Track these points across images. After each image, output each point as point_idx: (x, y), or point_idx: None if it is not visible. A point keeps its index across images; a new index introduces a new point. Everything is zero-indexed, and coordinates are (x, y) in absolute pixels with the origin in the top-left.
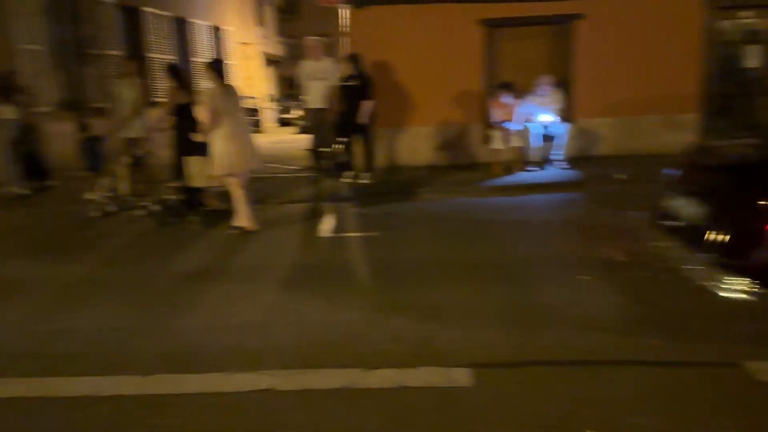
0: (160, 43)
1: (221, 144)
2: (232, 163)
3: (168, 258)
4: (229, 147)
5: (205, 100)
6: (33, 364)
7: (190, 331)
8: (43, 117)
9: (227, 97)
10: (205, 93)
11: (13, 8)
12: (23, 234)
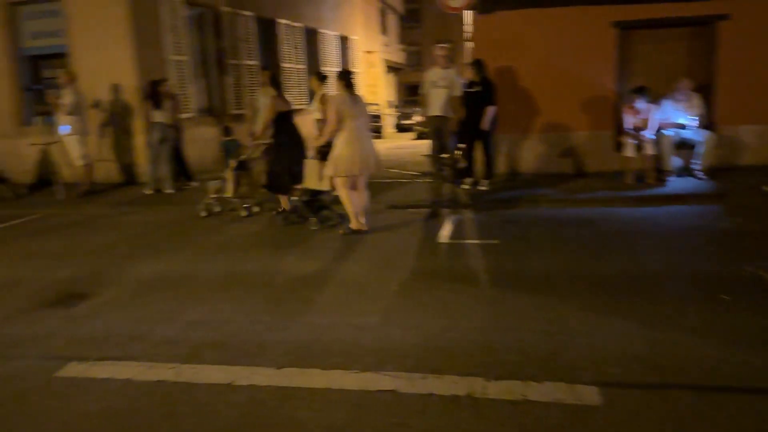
0: (292, 52)
1: (341, 147)
2: (348, 166)
3: (291, 257)
4: (348, 151)
5: (331, 107)
6: (177, 350)
7: (315, 328)
8: (186, 122)
9: (352, 104)
10: (331, 99)
11: (165, 23)
12: (159, 230)
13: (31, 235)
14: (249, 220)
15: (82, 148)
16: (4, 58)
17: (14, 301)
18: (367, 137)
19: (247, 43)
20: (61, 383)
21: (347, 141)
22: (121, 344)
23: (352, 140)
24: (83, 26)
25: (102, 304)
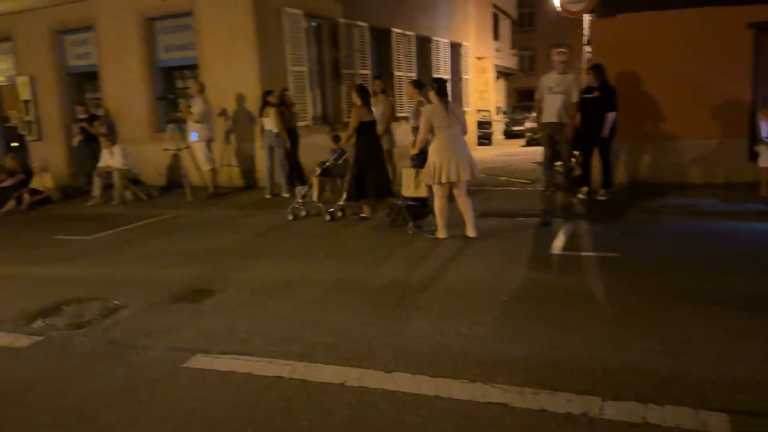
0: (405, 61)
1: (433, 156)
2: (440, 174)
3: (398, 262)
4: (440, 159)
5: (422, 116)
6: (292, 348)
7: (424, 335)
8: (303, 130)
9: (444, 113)
10: (422, 109)
11: (286, 35)
12: (274, 232)
13: (162, 234)
14: (356, 225)
15: (209, 153)
16: (142, 69)
17: (146, 295)
18: (461, 145)
19: (361, 52)
20: (188, 374)
21: (439, 149)
22: (243, 340)
23: (443, 148)
24: (212, 40)
25: (225, 300)
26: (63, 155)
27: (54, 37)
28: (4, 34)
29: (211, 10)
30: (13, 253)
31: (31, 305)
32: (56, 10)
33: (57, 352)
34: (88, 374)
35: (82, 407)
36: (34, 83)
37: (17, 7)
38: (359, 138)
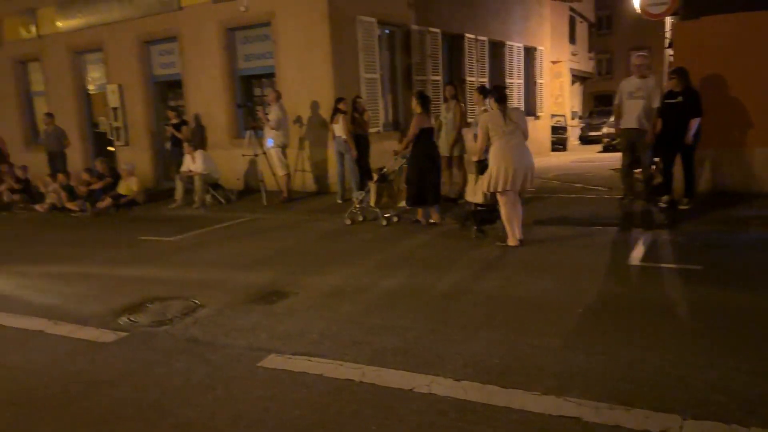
0: (477, 66)
1: (492, 162)
2: (497, 181)
3: (467, 270)
4: (499, 166)
5: (480, 123)
6: (361, 352)
7: (494, 344)
8: (374, 136)
9: (502, 120)
10: (481, 116)
11: (360, 43)
12: (344, 236)
13: (238, 236)
14: (421, 231)
15: (283, 159)
16: (222, 78)
17: (224, 295)
18: (519, 152)
19: (433, 58)
20: (263, 373)
21: (496, 156)
22: (314, 342)
23: (500, 155)
24: (288, 49)
25: (297, 303)
26: (148, 160)
27: (141, 48)
28: (96, 45)
29: (288, 20)
30: (101, 253)
31: (117, 302)
32: (144, 21)
33: (141, 348)
34: (169, 370)
35: (163, 402)
36: (122, 91)
37: (108, 18)
38: (417, 144)
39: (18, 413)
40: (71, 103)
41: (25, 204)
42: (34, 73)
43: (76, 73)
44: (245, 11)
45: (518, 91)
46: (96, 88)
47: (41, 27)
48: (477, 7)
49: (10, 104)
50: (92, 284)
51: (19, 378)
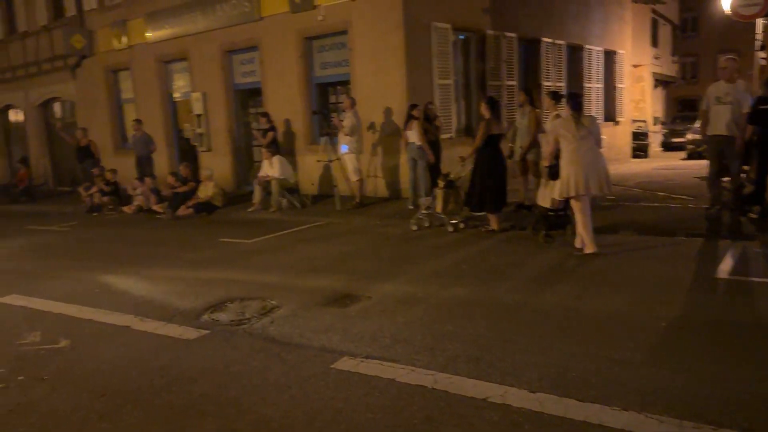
0: (554, 71)
1: (563, 168)
2: (571, 186)
3: (542, 279)
4: (569, 171)
5: (550, 128)
6: (434, 358)
7: (571, 357)
8: (446, 142)
9: (573, 126)
10: (552, 122)
11: (434, 49)
12: (415, 241)
13: (313, 240)
14: (488, 238)
15: (357, 165)
16: (299, 85)
17: (299, 297)
18: (591, 156)
19: (508, 63)
20: (336, 375)
21: (567, 161)
22: (386, 346)
23: (571, 160)
24: (364, 56)
25: (369, 307)
26: (228, 165)
27: (224, 57)
28: (182, 54)
29: (363, 28)
30: (183, 254)
31: (199, 301)
32: (227, 31)
33: (221, 346)
34: (247, 368)
35: (241, 400)
36: (206, 99)
37: (193, 29)
38: (484, 149)
39: (107, 403)
40: (158, 110)
41: (114, 206)
42: (124, 81)
43: (162, 82)
44: (322, 20)
45: (597, 96)
46: (181, 95)
47: (131, 38)
48: (555, 10)
49: (102, 111)
50: (176, 283)
51: (108, 371)
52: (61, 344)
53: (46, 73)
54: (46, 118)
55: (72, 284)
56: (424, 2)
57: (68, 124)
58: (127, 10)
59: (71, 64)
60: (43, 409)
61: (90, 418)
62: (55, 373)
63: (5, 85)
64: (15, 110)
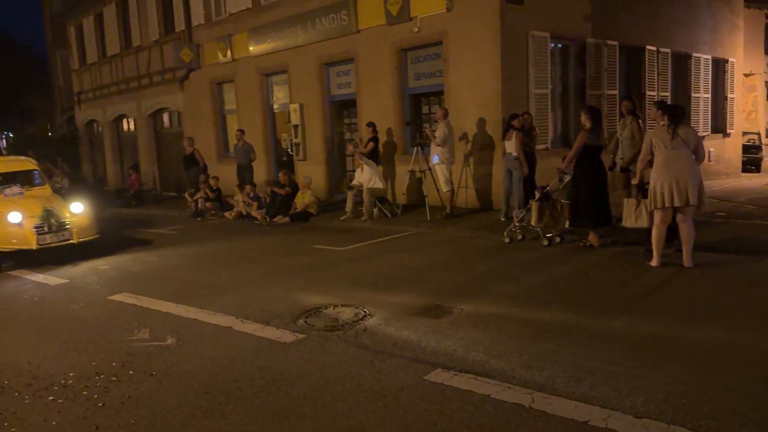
0: (658, 80)
1: (652, 179)
2: (657, 198)
3: (633, 296)
4: (656, 181)
5: (645, 137)
6: (531, 376)
7: (681, 382)
8: (541, 153)
9: (668, 136)
10: (647, 133)
11: (531, 58)
12: (507, 254)
13: (403, 249)
14: (586, 253)
15: (448, 176)
16: (393, 96)
17: (391, 305)
18: (681, 165)
19: (609, 72)
20: (429, 387)
21: (656, 170)
22: (480, 361)
23: (660, 170)
24: (458, 66)
25: (462, 319)
26: (323, 173)
27: (321, 69)
28: (282, 67)
29: (459, 39)
30: (280, 259)
31: (295, 306)
32: (324, 45)
33: (316, 351)
34: (342, 374)
35: (337, 405)
36: (303, 110)
37: (293, 43)
38: (583, 162)
39: (211, 401)
40: (258, 121)
41: (216, 211)
42: (228, 92)
43: (263, 93)
44: (418, 32)
45: (704, 107)
46: (279, 106)
47: (235, 51)
48: (660, 17)
49: (207, 121)
50: (273, 287)
51: (211, 369)
52: (168, 342)
53: (157, 85)
54: (155, 127)
55: (178, 285)
56: (522, 11)
57: (174, 133)
58: (233, 25)
59: (179, 76)
60: (151, 403)
61: (195, 414)
62: (162, 369)
63: (119, 96)
64: (127, 119)
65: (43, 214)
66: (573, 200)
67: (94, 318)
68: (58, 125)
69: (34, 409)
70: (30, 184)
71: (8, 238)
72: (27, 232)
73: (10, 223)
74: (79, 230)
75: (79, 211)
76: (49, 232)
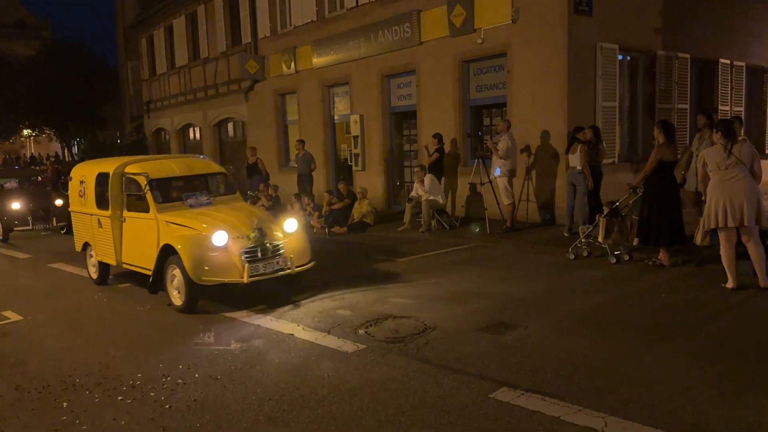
0: (732, 94)
1: (708, 198)
2: (711, 217)
3: (709, 317)
4: (711, 200)
5: (699, 156)
6: (603, 399)
7: (764, 410)
8: (607, 168)
9: (723, 154)
10: (700, 154)
11: (599, 70)
12: (575, 271)
13: (462, 263)
14: (656, 273)
15: (509, 188)
16: (454, 108)
17: (452, 320)
18: (736, 185)
19: (680, 85)
20: (495, 405)
21: (711, 190)
22: (548, 381)
23: (715, 189)
24: (522, 79)
25: (527, 337)
26: (381, 184)
27: (382, 81)
28: (344, 79)
29: (524, 50)
30: (339, 269)
31: (356, 315)
32: (386, 56)
33: (378, 362)
34: (404, 387)
35: (400, 419)
36: (363, 121)
37: (355, 56)
38: (655, 177)
39: (274, 407)
40: (319, 131)
41: None
42: (290, 104)
43: (325, 104)
44: (481, 43)
45: None
46: (339, 117)
47: (299, 63)
48: (734, 30)
49: (269, 131)
50: (333, 297)
51: (275, 375)
52: (232, 346)
53: (223, 96)
54: (220, 137)
55: (240, 290)
56: (591, 22)
57: (239, 142)
58: (297, 37)
59: (245, 87)
60: (216, 407)
61: (259, 420)
62: (226, 373)
63: (186, 105)
64: (194, 128)
65: (255, 234)
66: (644, 217)
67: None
68: (127, 133)
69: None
70: (215, 192)
71: (211, 265)
72: (235, 259)
73: (213, 246)
74: (295, 256)
75: (293, 229)
76: (263, 259)
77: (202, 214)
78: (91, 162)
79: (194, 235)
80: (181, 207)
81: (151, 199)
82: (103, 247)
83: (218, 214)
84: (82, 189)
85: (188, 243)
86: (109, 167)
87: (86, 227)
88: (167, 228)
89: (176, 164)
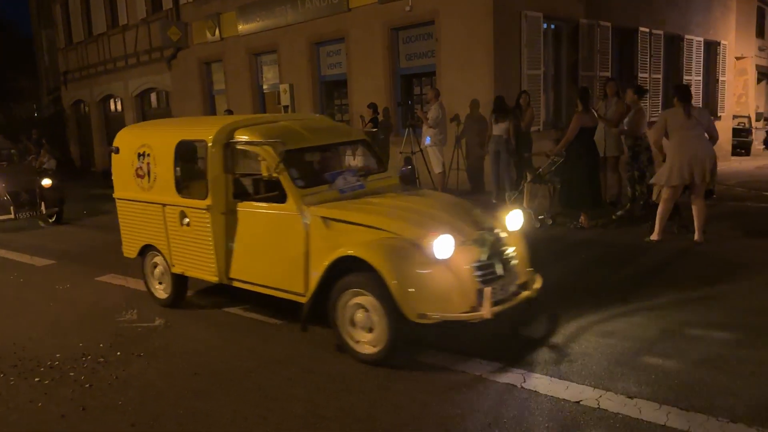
0: (651, 62)
1: (668, 156)
2: (666, 175)
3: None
4: (673, 159)
5: (659, 117)
6: (630, 384)
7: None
8: (534, 135)
9: (683, 116)
10: (661, 113)
11: (524, 39)
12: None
13: None
14: (579, 234)
15: (440, 157)
16: (384, 77)
17: None
18: (696, 143)
19: (602, 53)
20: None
21: (671, 149)
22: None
23: (676, 149)
24: (450, 47)
25: None
26: None
27: (311, 49)
28: (271, 47)
29: (451, 19)
30: None
31: None
32: (314, 23)
33: (299, 333)
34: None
35: (326, 387)
36: (293, 90)
37: (282, 22)
38: (576, 144)
39: (201, 382)
40: (248, 101)
41: None
42: (216, 72)
43: (253, 74)
44: (409, 11)
45: (696, 90)
46: (269, 87)
47: (224, 30)
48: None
49: (195, 102)
50: None
51: (202, 350)
52: (156, 323)
53: (144, 65)
54: (142, 108)
55: None
56: None
57: (162, 114)
58: (221, 3)
59: (167, 55)
60: (140, 384)
61: (185, 395)
62: (150, 350)
63: (106, 75)
64: (114, 99)
65: (487, 237)
66: (567, 182)
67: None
68: (44, 106)
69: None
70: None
71: (430, 292)
72: (465, 279)
73: (431, 260)
74: (524, 271)
75: (518, 226)
76: (499, 278)
77: (382, 205)
78: (156, 124)
79: (394, 241)
80: (331, 194)
81: (290, 182)
82: (188, 255)
83: (406, 204)
84: (142, 165)
85: (390, 255)
86: (202, 132)
87: (149, 223)
88: (328, 229)
89: (301, 127)
